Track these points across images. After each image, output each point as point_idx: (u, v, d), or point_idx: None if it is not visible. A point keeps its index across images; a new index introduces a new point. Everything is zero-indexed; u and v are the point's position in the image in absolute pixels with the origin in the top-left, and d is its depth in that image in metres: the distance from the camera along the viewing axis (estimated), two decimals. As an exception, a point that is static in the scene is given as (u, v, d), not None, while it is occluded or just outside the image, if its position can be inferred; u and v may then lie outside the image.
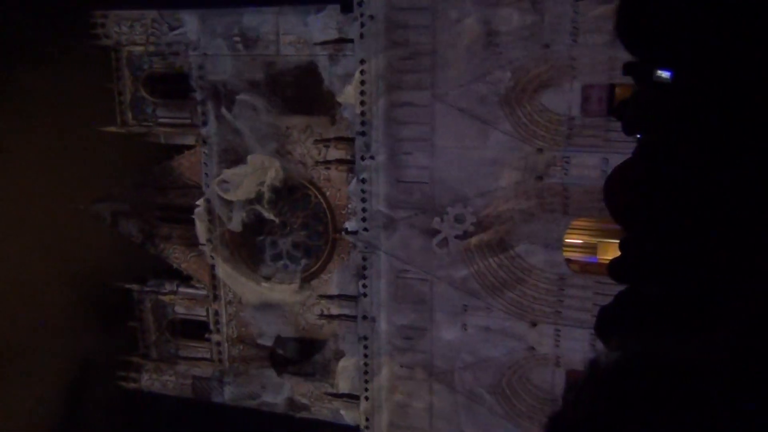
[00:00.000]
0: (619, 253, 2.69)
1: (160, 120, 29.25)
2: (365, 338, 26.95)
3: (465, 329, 25.57)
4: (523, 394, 25.60)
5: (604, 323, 2.63)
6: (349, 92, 25.33)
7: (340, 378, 28.12)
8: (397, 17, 24.29)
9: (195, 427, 34.13)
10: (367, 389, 27.41)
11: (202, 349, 30.81)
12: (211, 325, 30.21)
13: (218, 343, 30.20)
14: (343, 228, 27.01)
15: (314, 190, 27.70)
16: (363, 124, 25.28)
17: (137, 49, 28.66)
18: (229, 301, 29.71)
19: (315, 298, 28.13)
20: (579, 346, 23.93)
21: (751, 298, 2.17)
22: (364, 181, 25.74)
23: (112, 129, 29.41)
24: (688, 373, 2.07)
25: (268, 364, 29.39)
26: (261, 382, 29.80)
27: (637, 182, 2.54)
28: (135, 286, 30.82)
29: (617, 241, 2.72)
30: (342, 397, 28.37)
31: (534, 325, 24.76)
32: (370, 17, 24.51)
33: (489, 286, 25.02)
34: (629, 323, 2.53)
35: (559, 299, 24.41)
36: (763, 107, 2.19)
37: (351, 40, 25.15)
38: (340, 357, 28.19)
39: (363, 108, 25.18)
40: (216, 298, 29.76)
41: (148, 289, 30.72)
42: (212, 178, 28.31)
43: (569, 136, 23.26)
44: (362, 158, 25.58)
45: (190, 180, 29.06)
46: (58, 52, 31.92)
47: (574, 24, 22.30)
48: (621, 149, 21.53)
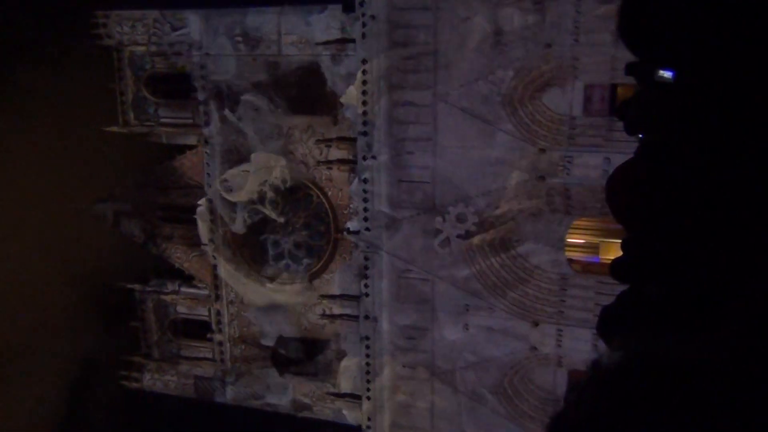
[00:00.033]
0: (621, 253, 2.69)
1: (162, 120, 29.28)
2: (367, 338, 26.95)
3: (467, 329, 25.56)
4: (525, 394, 25.59)
5: (606, 323, 2.63)
6: (352, 92, 25.33)
7: (342, 378, 28.13)
8: (399, 17, 24.29)
9: (197, 427, 34.15)
10: (368, 389, 27.41)
11: (204, 349, 30.83)
12: (213, 325, 30.24)
13: (220, 343, 30.22)
14: (345, 228, 27.01)
15: (316, 190, 27.71)
16: (365, 123, 25.28)
17: (139, 49, 28.70)
18: (231, 301, 29.72)
19: (317, 297, 28.15)
20: (581, 345, 23.93)
21: (753, 298, 2.17)
22: (365, 181, 25.74)
23: (114, 129, 29.44)
24: (690, 374, 2.07)
25: (270, 364, 29.39)
26: (265, 383, 29.80)
27: (639, 182, 2.53)
28: (137, 286, 30.84)
29: (619, 241, 2.72)
30: (344, 397, 28.38)
31: (536, 324, 24.76)
32: (372, 17, 24.51)
33: (491, 285, 25.02)
34: (631, 323, 2.52)
35: (561, 299, 24.40)
36: (765, 107, 2.19)
37: (353, 40, 25.16)
38: (342, 357, 28.19)
39: (365, 108, 25.18)
40: (218, 297, 29.77)
41: (150, 289, 30.74)
42: (214, 178, 28.34)
43: (571, 136, 23.26)
44: (364, 158, 25.58)
45: (191, 180, 29.08)
46: (60, 52, 31.95)
47: (576, 24, 22.29)
48: (623, 149, 21.53)
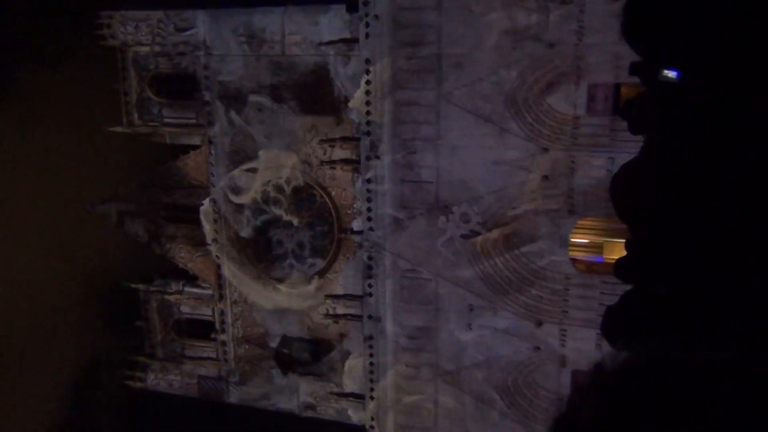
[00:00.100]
0: (625, 253, 2.68)
1: (166, 120, 29.30)
2: (371, 338, 26.94)
3: (470, 329, 25.55)
4: (529, 393, 25.57)
5: (611, 323, 2.62)
6: (360, 95, 25.33)
7: (347, 377, 28.12)
8: (403, 17, 24.29)
9: (200, 427, 34.19)
10: (372, 389, 27.41)
11: (207, 349, 30.85)
12: (217, 325, 30.26)
13: (224, 343, 30.24)
14: (349, 228, 27.01)
15: (319, 190, 27.71)
16: (368, 123, 25.28)
17: (143, 50, 28.74)
18: (235, 301, 29.74)
19: (321, 297, 28.15)
20: (585, 345, 23.90)
21: (758, 299, 2.16)
22: (369, 181, 25.74)
23: (118, 129, 29.49)
24: (695, 375, 2.06)
25: (275, 364, 29.40)
26: (271, 383, 29.79)
27: (643, 182, 2.53)
28: (141, 286, 30.88)
29: (623, 241, 2.71)
30: (348, 396, 28.37)
31: (540, 324, 24.73)
32: (375, 17, 24.51)
33: (495, 285, 25.00)
34: (635, 323, 2.51)
35: (565, 299, 24.38)
36: (770, 107, 2.18)
37: (356, 40, 25.15)
38: (346, 356, 28.18)
39: (368, 108, 25.19)
40: (221, 297, 29.80)
41: (154, 288, 30.77)
42: (218, 178, 28.36)
43: (575, 136, 23.23)
44: (368, 158, 25.58)
45: (195, 180, 29.11)
46: (65, 53, 32.07)
47: (580, 23, 22.27)
48: (627, 148, 21.49)
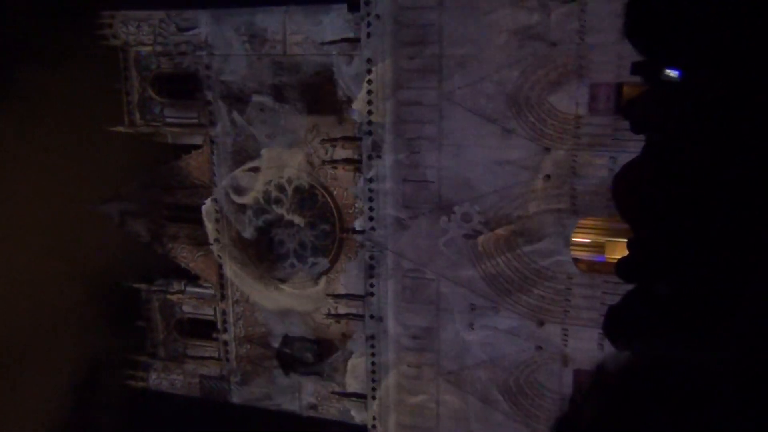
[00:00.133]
0: (626, 253, 2.68)
1: (168, 120, 29.33)
2: (372, 337, 26.95)
3: (472, 328, 25.54)
4: (531, 393, 25.55)
5: (613, 323, 2.62)
6: (361, 95, 25.33)
7: (350, 377, 28.12)
8: (404, 16, 24.28)
9: (202, 426, 34.21)
10: (374, 389, 27.41)
11: (209, 349, 30.87)
12: (219, 325, 30.27)
13: (226, 343, 30.26)
14: (351, 227, 27.01)
15: (321, 190, 27.71)
16: (370, 123, 25.28)
17: (145, 50, 28.75)
18: (237, 301, 29.76)
19: (323, 297, 28.15)
20: (587, 345, 23.88)
21: (759, 299, 2.16)
22: (371, 181, 25.74)
23: (120, 129, 29.51)
24: (696, 375, 2.06)
25: (277, 364, 29.41)
26: (276, 384, 29.78)
27: (645, 181, 2.52)
28: (143, 286, 30.90)
29: (625, 240, 2.71)
30: (349, 396, 28.36)
31: (541, 324, 24.71)
32: (377, 16, 24.50)
33: (496, 285, 24.99)
34: (637, 323, 2.51)
35: (567, 298, 24.36)
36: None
37: (359, 39, 25.14)
38: (348, 356, 28.18)
39: (370, 107, 25.19)
40: (223, 297, 29.82)
41: (156, 288, 30.80)
42: (220, 177, 28.38)
43: (577, 135, 23.21)
44: (369, 157, 25.58)
45: (197, 180, 29.13)
46: (66, 53, 32.07)
47: (582, 22, 22.25)
48: (629, 148, 21.47)
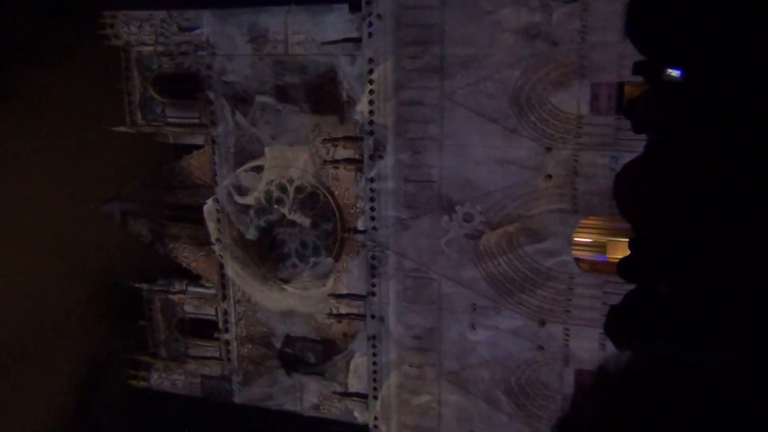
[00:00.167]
0: (628, 252, 2.68)
1: (169, 120, 29.33)
2: (374, 337, 26.95)
3: (474, 329, 25.54)
4: (532, 393, 25.55)
5: (614, 323, 2.62)
6: (364, 95, 25.31)
7: (352, 377, 28.11)
8: (406, 16, 24.27)
9: (204, 426, 34.22)
10: (376, 389, 27.41)
11: (211, 348, 30.88)
12: (220, 324, 30.28)
13: (227, 342, 30.27)
14: (352, 227, 27.00)
15: (323, 190, 27.71)
16: (371, 123, 25.28)
17: (146, 50, 28.76)
18: (238, 300, 29.77)
19: (325, 297, 28.16)
20: (588, 345, 23.87)
21: (759, 299, 2.16)
22: (372, 181, 25.74)
23: (122, 129, 29.51)
24: (697, 376, 2.06)
25: (279, 363, 29.41)
26: (278, 384, 29.78)
27: (646, 181, 2.52)
28: (144, 286, 30.91)
29: (627, 240, 2.71)
30: (351, 396, 28.36)
31: (543, 324, 24.70)
32: (378, 16, 24.50)
33: (498, 285, 24.98)
34: (639, 323, 2.51)
35: (568, 298, 24.34)
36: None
37: (359, 39, 25.12)
38: (350, 356, 28.18)
39: (371, 107, 25.18)
40: (225, 297, 29.82)
41: (158, 288, 30.81)
42: (222, 177, 28.38)
43: (579, 135, 23.20)
44: (371, 157, 25.58)
45: (199, 179, 29.14)
46: (68, 53, 32.08)
47: (583, 22, 22.23)
48: (630, 147, 21.45)
